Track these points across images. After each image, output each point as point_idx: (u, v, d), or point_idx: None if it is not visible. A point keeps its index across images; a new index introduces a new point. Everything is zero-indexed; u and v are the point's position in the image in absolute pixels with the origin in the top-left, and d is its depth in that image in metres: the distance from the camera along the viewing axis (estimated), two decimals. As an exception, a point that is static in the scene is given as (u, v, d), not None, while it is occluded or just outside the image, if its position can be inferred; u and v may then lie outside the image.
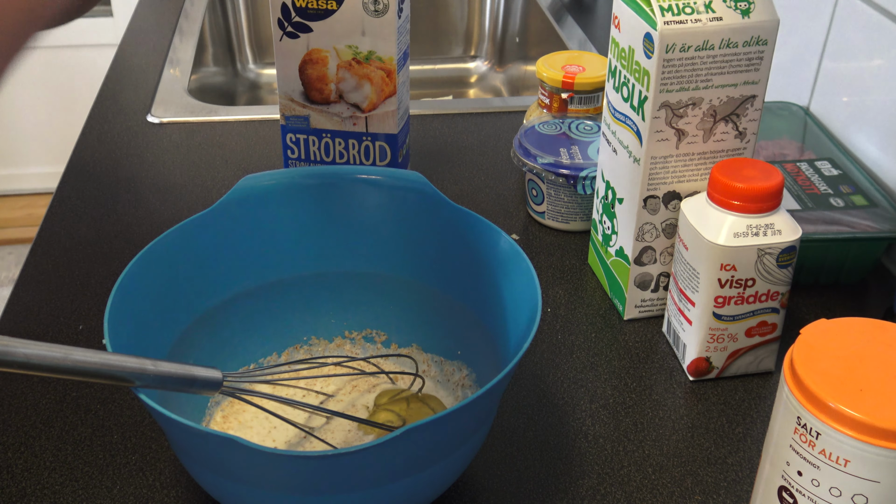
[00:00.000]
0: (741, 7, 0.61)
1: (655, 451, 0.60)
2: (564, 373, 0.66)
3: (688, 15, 0.60)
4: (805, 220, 0.71)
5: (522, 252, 0.56)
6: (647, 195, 0.66)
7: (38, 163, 2.48)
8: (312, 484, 0.46)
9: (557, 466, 0.59)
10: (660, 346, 0.69)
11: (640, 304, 0.71)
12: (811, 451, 0.45)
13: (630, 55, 0.64)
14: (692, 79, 0.61)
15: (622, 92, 0.66)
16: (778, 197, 0.60)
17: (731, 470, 0.59)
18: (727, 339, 0.64)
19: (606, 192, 0.71)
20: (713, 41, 0.60)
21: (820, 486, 0.45)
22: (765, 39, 0.61)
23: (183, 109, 1.03)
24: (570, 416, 0.63)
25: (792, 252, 0.61)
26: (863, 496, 0.44)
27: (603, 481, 0.58)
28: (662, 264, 0.69)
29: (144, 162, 0.93)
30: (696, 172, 0.65)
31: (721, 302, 0.62)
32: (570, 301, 0.74)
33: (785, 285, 0.62)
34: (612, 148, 0.69)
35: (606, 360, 0.68)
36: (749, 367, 0.66)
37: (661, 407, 0.64)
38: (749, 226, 0.60)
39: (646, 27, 0.61)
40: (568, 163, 0.78)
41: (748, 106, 0.64)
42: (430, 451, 0.47)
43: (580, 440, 0.61)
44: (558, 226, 0.82)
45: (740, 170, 0.60)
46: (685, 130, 0.63)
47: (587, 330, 0.71)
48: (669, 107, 0.62)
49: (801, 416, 0.45)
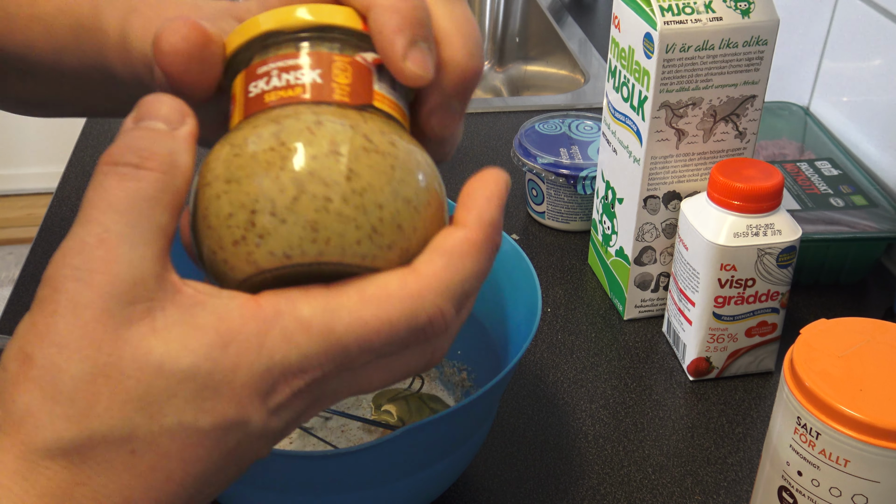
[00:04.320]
0: (741, 7, 0.61)
1: (655, 451, 0.60)
2: (564, 373, 0.66)
3: (688, 15, 0.60)
4: (805, 220, 0.71)
5: (522, 252, 0.56)
6: (647, 195, 0.66)
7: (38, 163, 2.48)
8: (312, 484, 0.46)
9: (557, 466, 0.59)
10: (660, 346, 0.69)
11: (640, 304, 0.71)
12: (811, 451, 0.45)
13: (630, 55, 0.64)
14: (692, 79, 0.61)
15: (622, 92, 0.66)
16: (778, 197, 0.60)
17: (731, 470, 0.59)
18: (727, 339, 0.64)
19: (606, 192, 0.71)
20: (713, 41, 0.60)
21: (820, 486, 0.45)
22: (765, 39, 0.61)
23: (183, 109, 1.03)
24: (570, 416, 0.63)
25: (792, 252, 0.61)
26: (863, 496, 0.44)
27: (603, 481, 0.58)
28: (662, 264, 0.69)
29: (144, 162, 0.93)
30: (696, 172, 0.65)
31: (721, 302, 0.62)
32: (570, 301, 0.74)
33: (785, 285, 0.62)
34: (612, 148, 0.69)
35: (606, 360, 0.68)
36: (749, 367, 0.66)
37: (661, 407, 0.64)
38: (749, 226, 0.60)
39: (646, 27, 0.61)
40: (568, 163, 0.78)
41: (748, 106, 0.64)
42: (430, 450, 0.47)
43: (580, 440, 0.61)
44: (558, 226, 0.82)
45: (740, 170, 0.60)
46: (685, 130, 0.63)
47: (587, 330, 0.71)
48: (669, 107, 0.62)
49: (801, 416, 0.45)
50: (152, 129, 0.32)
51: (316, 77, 0.33)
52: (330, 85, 0.33)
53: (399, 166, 0.32)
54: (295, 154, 0.31)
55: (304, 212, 0.31)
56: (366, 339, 0.31)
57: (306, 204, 0.31)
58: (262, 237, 0.31)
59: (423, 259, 0.32)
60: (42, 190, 2.50)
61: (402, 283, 0.31)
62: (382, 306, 0.31)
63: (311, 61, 0.34)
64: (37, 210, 2.47)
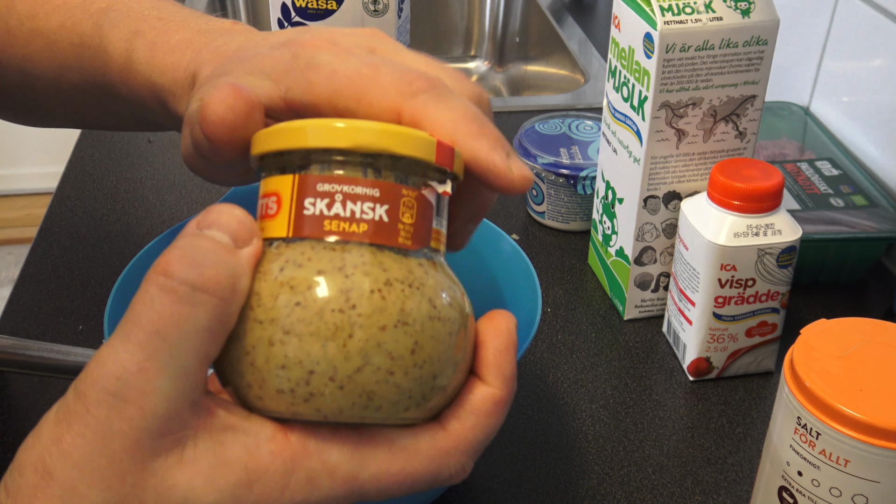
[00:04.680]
0: (741, 7, 0.61)
1: (655, 451, 0.60)
2: (564, 373, 0.66)
3: (688, 15, 0.60)
4: (805, 220, 0.71)
5: (523, 252, 0.56)
6: (647, 195, 0.66)
7: (38, 163, 2.48)
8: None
9: (557, 466, 0.59)
10: (660, 346, 0.69)
11: (640, 304, 0.71)
12: (811, 451, 0.45)
13: (630, 55, 0.64)
14: (692, 79, 0.61)
15: (622, 92, 0.66)
16: (778, 197, 0.60)
17: (731, 470, 0.59)
18: (727, 339, 0.64)
19: (606, 192, 0.71)
20: (713, 41, 0.60)
21: (820, 487, 0.45)
22: (765, 39, 0.61)
23: (183, 109, 1.03)
24: (570, 416, 0.63)
25: (792, 252, 0.61)
26: (863, 496, 0.44)
27: (603, 481, 0.58)
28: (662, 264, 0.69)
29: (144, 162, 0.93)
30: (696, 172, 0.65)
31: (721, 302, 0.62)
32: (570, 301, 0.74)
33: (785, 285, 0.62)
34: (612, 148, 0.69)
35: (606, 360, 0.68)
36: (749, 367, 0.66)
37: (661, 407, 0.64)
38: (749, 226, 0.60)
39: (646, 27, 0.61)
40: (568, 163, 0.78)
41: (748, 106, 0.64)
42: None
43: (580, 440, 0.61)
44: (558, 226, 0.82)
45: (740, 170, 0.60)
46: (685, 130, 0.63)
47: (587, 330, 0.71)
48: (669, 107, 0.62)
49: (801, 416, 0.45)
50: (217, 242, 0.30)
51: (383, 214, 0.32)
52: (396, 226, 0.32)
53: (455, 331, 0.32)
54: (364, 321, 0.30)
55: (365, 382, 0.30)
56: (387, 488, 0.32)
57: (368, 376, 0.30)
58: (313, 396, 0.30)
59: (453, 416, 0.33)
60: (42, 190, 2.50)
61: (433, 441, 0.32)
62: (411, 461, 0.32)
63: (380, 194, 0.32)
64: (37, 210, 2.47)
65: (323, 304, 0.30)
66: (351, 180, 0.32)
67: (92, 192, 0.87)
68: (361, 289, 0.30)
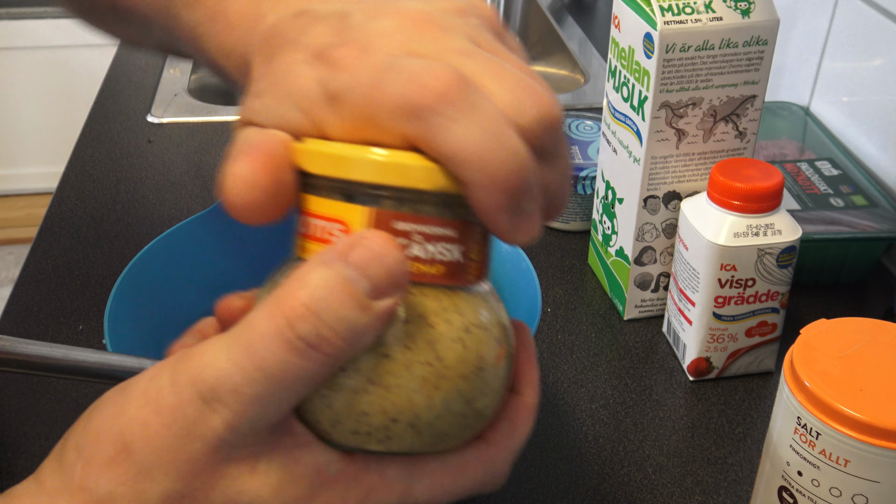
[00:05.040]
0: (741, 7, 0.61)
1: (655, 451, 0.60)
2: (564, 373, 0.66)
3: (688, 15, 0.60)
4: (805, 220, 0.71)
5: (523, 252, 0.56)
6: (647, 195, 0.66)
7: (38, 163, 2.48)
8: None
9: (557, 466, 0.59)
10: (660, 346, 0.69)
11: (640, 304, 0.71)
12: (811, 451, 0.45)
13: (630, 55, 0.64)
14: (692, 79, 0.61)
15: (622, 92, 0.66)
16: (778, 197, 0.60)
17: (731, 470, 0.59)
18: (727, 339, 0.64)
19: (606, 192, 0.71)
20: (713, 41, 0.60)
21: (820, 487, 0.45)
22: (765, 39, 0.61)
23: (183, 109, 1.03)
24: (570, 416, 0.63)
25: (792, 252, 0.61)
26: (863, 496, 0.44)
27: (603, 481, 0.58)
28: (662, 264, 0.69)
29: (144, 162, 0.93)
30: (696, 172, 0.65)
31: (721, 302, 0.62)
32: (570, 301, 0.74)
33: (785, 285, 0.62)
34: (612, 148, 0.69)
35: (606, 360, 0.68)
36: (749, 367, 0.66)
37: (661, 407, 0.64)
38: (749, 226, 0.60)
39: (646, 27, 0.61)
40: (568, 163, 0.78)
41: (748, 106, 0.64)
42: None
43: (580, 440, 0.61)
44: (558, 226, 0.82)
45: (740, 170, 0.60)
46: (685, 130, 0.64)
47: (587, 330, 0.71)
48: (669, 107, 0.62)
49: (801, 416, 0.45)
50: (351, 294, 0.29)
51: (459, 256, 0.31)
52: (468, 265, 0.32)
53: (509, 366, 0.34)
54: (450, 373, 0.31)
55: (441, 426, 0.31)
56: (437, 499, 0.34)
57: (447, 421, 0.31)
58: (390, 439, 0.31)
59: (494, 428, 0.35)
60: (42, 190, 2.51)
61: (479, 453, 0.34)
62: (461, 473, 0.34)
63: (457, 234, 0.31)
64: (37, 210, 2.47)
65: (411, 358, 0.30)
66: (428, 220, 0.31)
67: (92, 192, 0.87)
68: (445, 339, 0.31)
